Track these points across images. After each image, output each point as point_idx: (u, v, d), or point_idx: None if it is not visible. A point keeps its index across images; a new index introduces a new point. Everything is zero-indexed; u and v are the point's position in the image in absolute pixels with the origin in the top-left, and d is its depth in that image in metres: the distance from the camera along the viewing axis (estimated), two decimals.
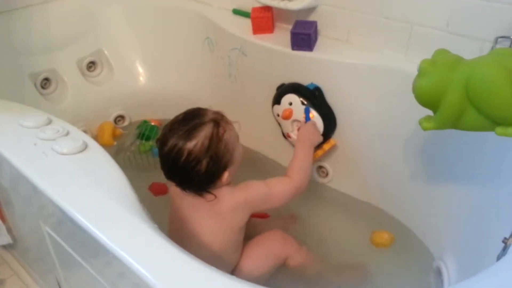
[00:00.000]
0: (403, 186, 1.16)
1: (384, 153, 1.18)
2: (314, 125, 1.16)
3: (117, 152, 1.45)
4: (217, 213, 0.91)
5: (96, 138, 1.49)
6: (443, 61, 0.70)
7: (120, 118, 1.58)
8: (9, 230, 1.05)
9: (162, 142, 0.87)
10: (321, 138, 1.18)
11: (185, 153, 0.84)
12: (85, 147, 0.78)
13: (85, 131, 1.47)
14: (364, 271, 1.09)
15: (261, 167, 1.42)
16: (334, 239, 1.19)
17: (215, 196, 0.89)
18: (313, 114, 1.18)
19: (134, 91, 1.58)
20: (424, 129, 0.77)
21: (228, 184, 0.92)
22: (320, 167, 1.33)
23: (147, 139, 1.45)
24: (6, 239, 1.04)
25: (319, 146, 1.23)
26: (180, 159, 0.84)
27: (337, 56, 1.15)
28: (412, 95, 1.03)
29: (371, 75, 1.12)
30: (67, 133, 0.81)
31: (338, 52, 1.17)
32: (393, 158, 1.16)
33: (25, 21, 1.37)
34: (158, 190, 1.35)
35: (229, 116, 1.46)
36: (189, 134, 0.85)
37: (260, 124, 1.39)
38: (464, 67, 0.68)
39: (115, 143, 1.45)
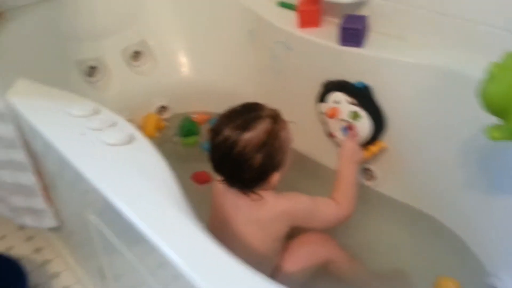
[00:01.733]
0: (457, 194, 1.08)
1: (437, 158, 1.11)
2: (356, 141, 1.11)
3: (160, 143, 1.46)
4: (257, 219, 0.88)
5: (140, 128, 1.51)
6: None
7: (163, 108, 1.58)
8: (56, 214, 1.07)
9: (216, 131, 0.85)
10: (363, 154, 1.12)
11: (241, 144, 0.81)
12: (131, 138, 0.77)
13: (129, 121, 1.49)
14: (407, 280, 1.04)
15: (301, 167, 1.37)
16: (379, 246, 1.14)
17: (261, 198, 0.87)
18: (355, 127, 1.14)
19: (177, 82, 1.57)
20: (492, 139, 0.71)
21: (274, 188, 0.89)
22: (367, 169, 1.27)
23: (186, 135, 1.45)
24: (51, 222, 1.06)
25: (366, 148, 1.18)
26: (234, 150, 0.81)
27: (389, 53, 1.08)
28: (473, 100, 0.95)
29: (427, 76, 1.04)
30: (114, 124, 0.81)
31: (390, 49, 1.10)
32: (447, 164, 1.09)
33: (74, 8, 1.39)
34: (201, 179, 1.34)
35: None
36: (246, 125, 0.82)
37: (302, 122, 1.34)
38: None
39: (157, 135, 1.46)
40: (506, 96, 0.64)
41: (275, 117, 0.87)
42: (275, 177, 0.87)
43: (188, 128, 1.48)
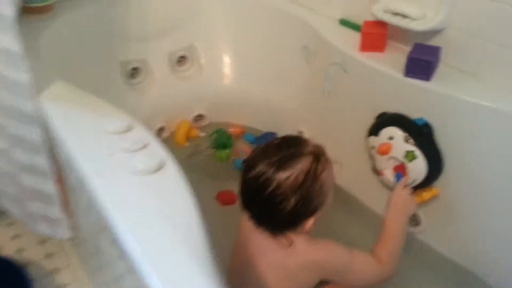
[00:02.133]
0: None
1: (497, 216, 0.98)
2: (409, 190, 0.98)
3: (191, 154, 1.39)
4: (284, 265, 0.78)
5: (173, 134, 1.46)
6: None
7: (200, 117, 1.51)
8: (73, 225, 1.02)
9: (249, 165, 0.75)
10: (416, 207, 0.99)
11: (274, 184, 0.71)
12: (161, 165, 0.69)
13: (163, 128, 1.44)
14: None
15: (342, 204, 1.25)
16: None
17: (291, 243, 0.77)
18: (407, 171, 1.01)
19: (219, 91, 1.50)
20: None
21: (309, 233, 0.79)
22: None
23: (220, 147, 1.37)
24: (65, 233, 1.01)
25: (417, 192, 1.06)
26: (265, 190, 0.72)
27: (459, 91, 0.96)
28: None
29: (500, 122, 0.92)
30: (146, 145, 0.73)
31: (461, 86, 0.98)
32: (506, 226, 0.96)
33: (125, 6, 1.34)
34: (225, 200, 1.26)
35: (318, 137, 1.36)
36: (283, 163, 0.72)
37: (349, 154, 1.24)
38: None
39: (187, 144, 1.39)
40: None
41: (318, 156, 0.76)
42: (310, 223, 0.76)
43: (221, 140, 1.40)
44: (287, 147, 0.75)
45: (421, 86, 1.00)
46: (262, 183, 0.72)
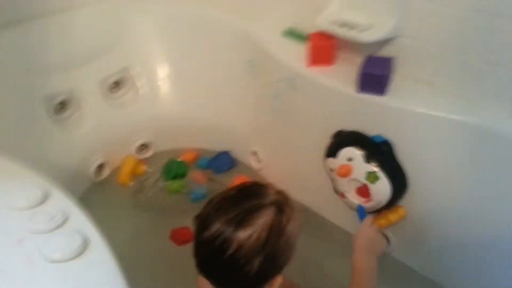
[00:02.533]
0: (486, 275, 0.91)
1: (465, 230, 0.93)
2: (376, 229, 0.90)
3: (139, 191, 1.25)
4: None
5: (115, 171, 1.32)
6: None
7: (144, 147, 1.38)
8: None
9: (203, 222, 0.64)
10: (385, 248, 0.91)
11: (234, 246, 0.61)
12: (84, 247, 0.57)
13: (103, 164, 1.29)
14: None
15: (306, 223, 1.17)
16: None
17: None
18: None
19: (161, 116, 1.37)
20: None
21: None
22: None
23: (173, 179, 1.24)
24: None
25: (383, 213, 0.99)
26: (225, 253, 0.61)
27: (416, 104, 0.90)
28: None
29: (460, 134, 0.86)
30: (65, 221, 0.61)
31: (417, 98, 0.91)
32: (476, 239, 0.91)
33: (43, 33, 1.17)
34: (181, 239, 1.14)
35: (270, 159, 1.27)
36: (243, 219, 0.62)
37: (307, 174, 1.15)
38: None
39: (131, 183, 1.25)
40: None
41: (281, 206, 0.65)
42: (278, 281, 0.66)
43: (174, 170, 1.27)
44: (245, 199, 0.65)
45: (376, 102, 0.93)
46: (220, 245, 0.62)
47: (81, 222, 0.61)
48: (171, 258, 1.09)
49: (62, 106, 1.22)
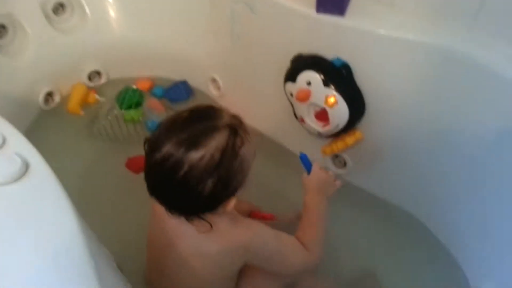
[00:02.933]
0: (440, 193, 0.95)
1: (421, 151, 0.95)
2: (326, 171, 0.87)
3: (93, 118, 1.20)
4: (206, 251, 0.69)
5: (65, 100, 1.25)
6: None
7: (95, 74, 1.30)
8: None
9: (153, 145, 0.62)
10: (337, 185, 0.88)
11: (185, 167, 0.59)
12: (24, 170, 0.54)
13: (51, 93, 1.22)
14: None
15: (265, 151, 1.17)
16: (348, 242, 1.01)
17: (211, 227, 0.67)
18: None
19: (112, 42, 1.29)
20: None
21: (231, 212, 0.69)
22: (336, 156, 1.10)
23: (128, 107, 1.19)
24: None
25: (340, 137, 1.00)
26: (176, 174, 0.60)
27: (376, 25, 0.87)
28: (482, 93, 0.79)
29: (420, 54, 0.85)
30: (3, 144, 0.57)
31: (377, 19, 0.88)
32: (432, 159, 0.94)
33: None
34: (137, 166, 1.12)
35: (230, 86, 1.23)
36: (194, 141, 0.60)
37: (267, 100, 1.13)
38: None
39: (82, 112, 1.19)
40: None
41: (235, 128, 0.63)
42: (231, 204, 0.66)
43: (130, 99, 1.22)
44: (197, 121, 0.62)
45: (335, 22, 0.89)
46: (171, 167, 0.60)
47: (20, 144, 0.58)
48: (128, 186, 1.08)
49: (1, 31, 1.11)
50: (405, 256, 0.98)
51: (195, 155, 0.59)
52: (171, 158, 0.60)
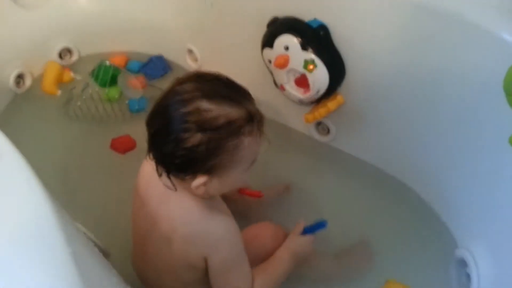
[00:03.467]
0: (425, 156, 0.94)
1: (404, 113, 0.94)
2: (311, 241, 0.82)
3: (69, 99, 1.15)
4: (179, 235, 0.67)
5: (37, 81, 1.19)
6: None
7: (66, 52, 1.24)
8: None
9: (179, 79, 0.63)
10: (311, 252, 0.83)
11: (190, 108, 0.59)
12: None
13: (22, 74, 1.17)
14: (368, 254, 0.93)
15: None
16: (335, 208, 1.00)
17: (175, 189, 0.65)
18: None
19: (81, 16, 1.22)
20: None
21: (202, 198, 0.66)
22: (319, 123, 1.08)
23: (103, 84, 1.15)
24: None
25: (322, 102, 0.98)
26: (179, 108, 0.59)
27: None
28: (467, 52, 0.78)
29: (401, 12, 0.82)
30: None
31: None
32: (415, 120, 0.93)
33: None
34: (123, 147, 1.09)
35: (207, 57, 1.19)
36: (214, 96, 0.60)
37: (246, 69, 1.09)
38: None
39: (59, 92, 1.14)
40: None
41: (253, 118, 0.62)
42: (198, 182, 0.62)
43: (106, 75, 1.16)
44: (230, 89, 0.63)
45: None
46: (180, 101, 0.59)
47: None
48: (113, 168, 1.06)
49: None
50: (394, 221, 0.98)
51: (205, 104, 0.59)
52: (186, 94, 0.60)
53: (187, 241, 0.67)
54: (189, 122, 0.58)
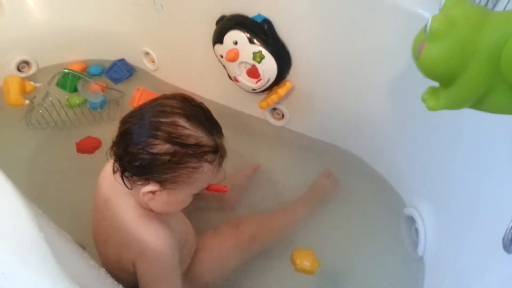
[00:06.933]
0: (371, 129, 1.03)
1: (345, 90, 1.02)
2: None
3: (30, 109, 1.18)
4: (108, 232, 0.72)
5: (4, 96, 1.21)
6: (463, 18, 0.50)
7: (24, 64, 1.27)
8: None
9: (165, 96, 0.67)
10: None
11: (168, 119, 0.63)
12: None
13: None
14: (333, 181, 1.03)
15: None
16: (295, 182, 1.09)
17: (129, 188, 0.67)
18: None
19: (35, 28, 1.25)
20: (431, 109, 0.56)
21: (144, 207, 0.69)
22: (274, 109, 1.17)
23: (72, 90, 1.17)
24: None
25: (273, 90, 1.06)
26: (156, 117, 0.62)
27: None
28: (396, 30, 0.85)
29: (331, 2, 0.90)
30: None
31: None
32: (358, 98, 1.01)
33: None
34: (88, 147, 1.13)
35: (163, 58, 1.24)
36: (193, 117, 0.64)
37: (202, 66, 1.17)
38: (494, 26, 0.49)
39: (26, 102, 1.16)
40: (453, 60, 0.50)
41: (220, 151, 0.68)
42: (150, 188, 0.64)
43: (70, 82, 1.17)
44: (208, 119, 0.68)
45: None
46: (161, 111, 0.64)
47: None
48: (82, 167, 1.09)
49: None
50: (348, 189, 1.06)
51: (182, 122, 0.63)
52: (168, 108, 0.64)
53: (120, 243, 0.70)
54: (162, 131, 0.62)
